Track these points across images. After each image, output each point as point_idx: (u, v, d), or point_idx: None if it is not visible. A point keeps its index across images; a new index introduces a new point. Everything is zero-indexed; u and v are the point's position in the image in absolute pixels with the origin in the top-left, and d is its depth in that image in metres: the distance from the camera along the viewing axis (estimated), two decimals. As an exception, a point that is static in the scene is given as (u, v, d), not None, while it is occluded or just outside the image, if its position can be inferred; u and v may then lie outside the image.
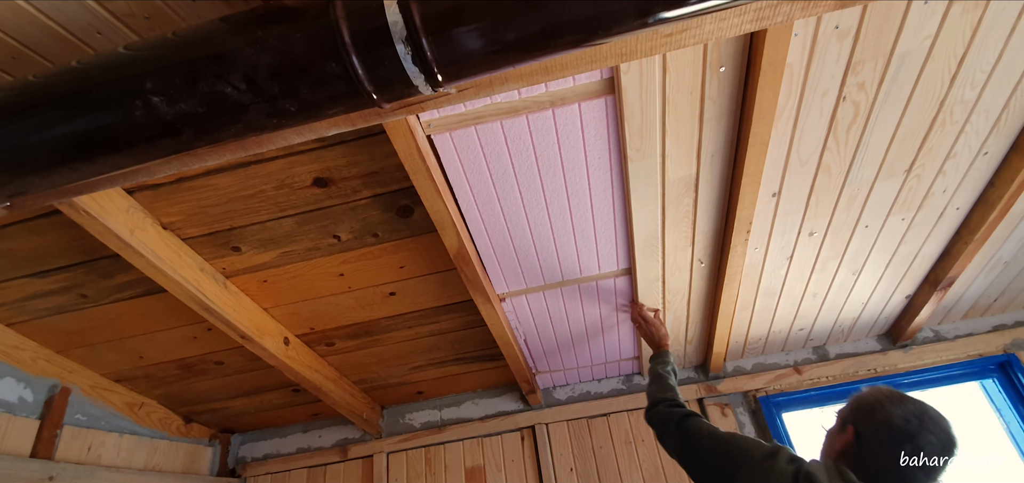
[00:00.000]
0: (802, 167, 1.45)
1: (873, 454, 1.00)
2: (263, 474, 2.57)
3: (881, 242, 1.76)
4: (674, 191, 1.45)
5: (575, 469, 2.25)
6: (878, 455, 0.99)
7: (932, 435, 0.97)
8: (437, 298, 1.87)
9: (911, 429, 0.98)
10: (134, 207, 1.36)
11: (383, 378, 2.36)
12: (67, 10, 0.96)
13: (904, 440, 0.97)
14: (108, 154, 0.82)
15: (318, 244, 1.58)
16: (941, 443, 0.96)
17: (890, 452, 0.98)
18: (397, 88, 0.76)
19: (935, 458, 0.96)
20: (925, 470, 0.95)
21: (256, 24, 0.74)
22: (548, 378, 2.43)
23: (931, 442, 0.96)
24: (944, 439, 0.97)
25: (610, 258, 1.71)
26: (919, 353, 2.22)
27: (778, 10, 0.86)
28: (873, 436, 1.01)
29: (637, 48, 0.90)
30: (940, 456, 0.96)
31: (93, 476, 1.92)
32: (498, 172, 1.38)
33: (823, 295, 2.00)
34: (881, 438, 0.99)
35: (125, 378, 2.14)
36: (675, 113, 1.24)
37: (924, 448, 0.96)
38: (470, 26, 0.70)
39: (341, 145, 1.30)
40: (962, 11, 1.13)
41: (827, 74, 1.21)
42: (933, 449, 0.96)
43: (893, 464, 0.97)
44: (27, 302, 1.66)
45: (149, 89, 0.76)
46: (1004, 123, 1.40)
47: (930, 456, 0.95)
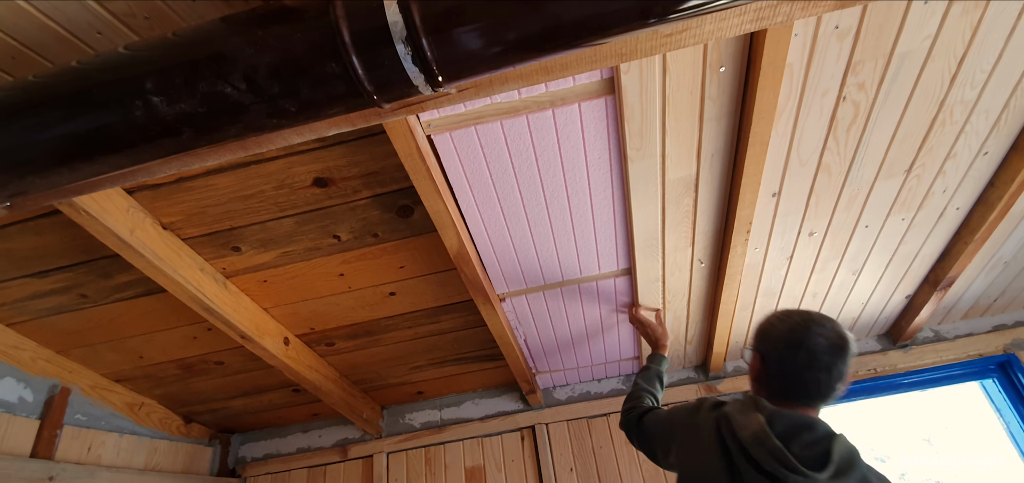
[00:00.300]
0: (802, 167, 1.45)
1: (776, 370, 1.07)
2: (263, 474, 2.57)
3: (881, 242, 1.76)
4: (674, 191, 1.45)
5: (575, 469, 2.25)
6: (780, 370, 1.06)
7: (820, 337, 1.03)
8: (437, 298, 1.87)
9: (799, 337, 1.04)
10: (134, 207, 1.36)
11: (383, 378, 2.36)
12: (67, 10, 0.96)
13: (797, 348, 1.04)
14: (108, 154, 0.82)
15: (318, 244, 1.58)
16: (830, 343, 1.02)
17: (788, 363, 1.05)
18: (397, 88, 0.76)
19: (828, 356, 1.02)
20: (824, 368, 1.02)
21: (256, 24, 0.74)
22: (548, 378, 2.43)
23: (821, 344, 1.02)
24: (832, 338, 1.03)
25: (610, 258, 1.71)
26: (919, 353, 2.22)
27: (778, 10, 0.86)
28: (772, 354, 1.08)
29: (637, 48, 0.90)
30: (834, 354, 1.02)
31: (93, 476, 1.92)
32: (498, 172, 1.38)
33: (823, 295, 2.00)
34: (779, 354, 1.06)
35: (125, 378, 2.14)
36: (675, 113, 1.24)
37: (816, 350, 1.02)
38: (470, 26, 0.70)
39: (341, 145, 1.30)
40: (962, 11, 1.13)
41: (827, 74, 1.21)
42: (824, 350, 1.02)
43: (794, 373, 1.04)
44: (27, 302, 1.67)
45: (149, 89, 0.76)
46: (1004, 123, 1.40)
47: (824, 355, 1.02)
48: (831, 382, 1.02)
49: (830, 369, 1.02)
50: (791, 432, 0.98)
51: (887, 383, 2.24)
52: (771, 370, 1.08)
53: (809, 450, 0.96)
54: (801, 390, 1.04)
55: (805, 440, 0.97)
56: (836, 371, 1.02)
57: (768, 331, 1.11)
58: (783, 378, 1.06)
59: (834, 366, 1.02)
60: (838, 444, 0.96)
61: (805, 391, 1.04)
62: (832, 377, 1.02)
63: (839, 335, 1.04)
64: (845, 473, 0.93)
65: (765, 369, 1.09)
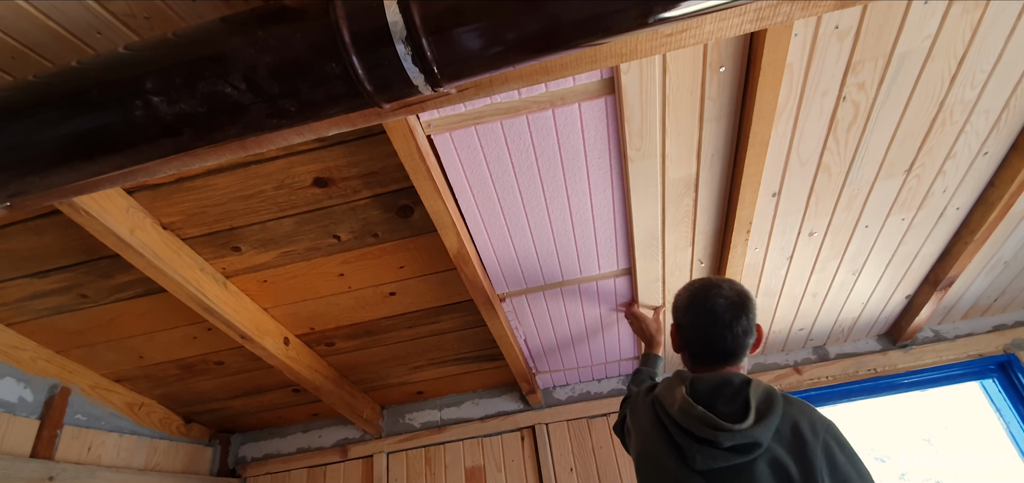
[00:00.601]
0: (802, 167, 1.45)
1: (690, 336, 1.16)
2: (263, 474, 2.57)
3: (881, 242, 1.76)
4: (674, 191, 1.45)
5: (575, 469, 2.25)
6: (692, 335, 1.15)
7: (719, 297, 1.11)
8: (437, 298, 1.87)
9: (700, 301, 1.13)
10: (134, 207, 1.36)
11: (383, 378, 2.36)
12: (67, 10, 0.96)
13: (700, 310, 1.13)
14: (108, 154, 0.82)
15: (318, 244, 1.58)
16: (729, 301, 1.10)
17: (695, 325, 1.14)
18: (397, 88, 0.76)
19: (728, 314, 1.09)
20: (726, 326, 1.09)
21: (256, 24, 0.74)
22: (548, 378, 2.43)
23: (720, 304, 1.10)
24: (731, 297, 1.11)
25: (610, 258, 1.71)
26: (919, 353, 2.22)
27: (778, 10, 0.86)
28: (684, 320, 1.17)
29: (637, 48, 0.90)
30: (733, 311, 1.09)
31: (93, 476, 1.92)
32: (498, 172, 1.38)
33: (823, 295, 2.00)
34: (689, 320, 1.15)
35: (125, 378, 2.14)
36: (675, 113, 1.24)
37: (715, 310, 1.10)
38: (470, 26, 0.70)
39: (341, 145, 1.30)
40: (962, 11, 1.13)
41: (827, 74, 1.21)
42: (723, 309, 1.10)
43: (702, 335, 1.12)
44: (27, 302, 1.67)
45: (149, 89, 0.76)
46: (1004, 123, 1.40)
47: (724, 314, 1.09)
48: (737, 337, 1.09)
49: (732, 325, 1.09)
50: (712, 393, 1.04)
51: (887, 383, 2.24)
52: (686, 337, 1.17)
53: (731, 404, 1.01)
54: (712, 349, 1.11)
55: (726, 396, 1.02)
56: (739, 327, 1.09)
57: (678, 302, 1.20)
58: (695, 343, 1.15)
59: (735, 323, 1.09)
60: (753, 390, 1.01)
61: (715, 350, 1.11)
62: (736, 333, 1.09)
63: (737, 294, 1.12)
64: (766, 414, 0.97)
65: (681, 337, 1.19)
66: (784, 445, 0.96)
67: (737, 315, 1.09)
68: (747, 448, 0.95)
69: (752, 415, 0.96)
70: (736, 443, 0.95)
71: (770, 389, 1.03)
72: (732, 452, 0.96)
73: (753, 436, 0.94)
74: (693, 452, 0.99)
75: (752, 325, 1.11)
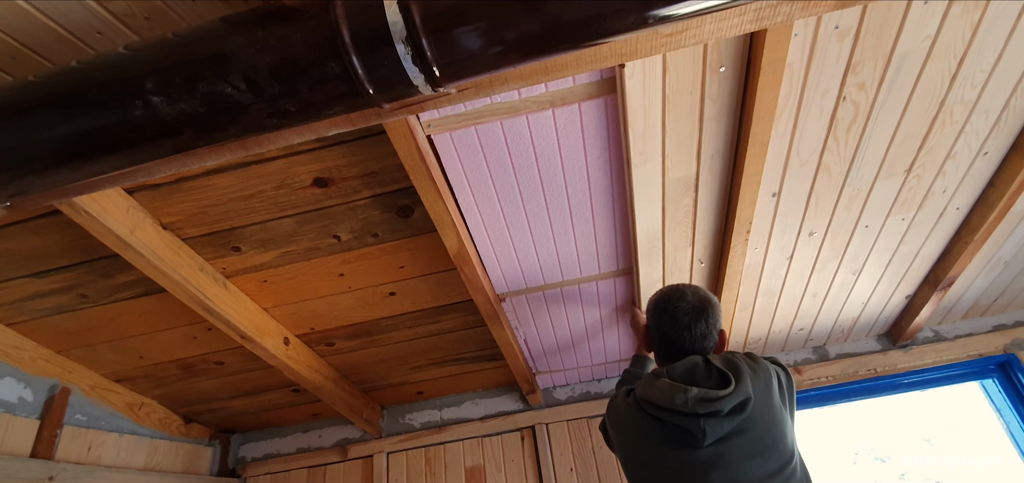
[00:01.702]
0: (802, 167, 1.45)
1: (655, 334, 1.30)
2: (263, 474, 2.57)
3: (881, 242, 1.76)
4: (674, 191, 1.45)
5: (575, 469, 2.25)
6: (657, 334, 1.29)
7: (682, 302, 1.24)
8: (437, 298, 1.87)
9: (664, 305, 1.27)
10: (134, 207, 1.36)
11: (383, 378, 2.36)
12: (67, 10, 0.96)
13: (664, 313, 1.26)
14: (108, 154, 0.82)
15: (318, 244, 1.58)
16: (691, 306, 1.23)
17: (660, 326, 1.27)
18: (397, 88, 0.76)
19: (688, 317, 1.22)
20: (686, 328, 1.22)
21: (256, 24, 0.74)
22: (548, 378, 2.43)
23: (681, 308, 1.23)
24: (693, 302, 1.24)
25: (610, 258, 1.71)
26: (919, 353, 2.23)
27: (778, 10, 0.86)
28: (652, 321, 1.31)
29: (637, 48, 0.90)
30: (693, 315, 1.22)
31: (93, 476, 1.92)
32: (498, 172, 1.38)
33: (823, 295, 2.00)
34: (654, 321, 1.29)
35: (125, 378, 2.15)
36: (675, 113, 1.24)
37: (676, 314, 1.23)
38: (470, 26, 0.70)
39: (341, 145, 1.30)
40: (962, 11, 1.13)
41: (827, 74, 1.21)
42: (684, 312, 1.23)
43: (664, 335, 1.26)
44: (27, 302, 1.67)
45: (149, 89, 0.76)
46: (1004, 123, 1.40)
47: (684, 317, 1.23)
48: (694, 338, 1.22)
49: (690, 328, 1.21)
50: (688, 376, 1.12)
51: (887, 383, 2.24)
52: (653, 335, 1.31)
53: (709, 379, 1.10)
54: (673, 348, 1.24)
55: (701, 375, 1.12)
56: (697, 330, 1.22)
57: (648, 305, 1.34)
58: (659, 341, 1.28)
59: (693, 325, 1.21)
60: (717, 362, 1.12)
61: (676, 349, 1.23)
62: (695, 335, 1.22)
63: (699, 301, 1.24)
64: (739, 373, 1.08)
65: (649, 336, 1.33)
66: (763, 396, 1.08)
67: (696, 320, 1.22)
68: (743, 405, 1.05)
69: (732, 378, 1.07)
70: (733, 405, 1.04)
71: (727, 355, 1.15)
72: (732, 415, 1.05)
73: (744, 392, 1.05)
74: (702, 427, 1.04)
75: (712, 329, 1.23)
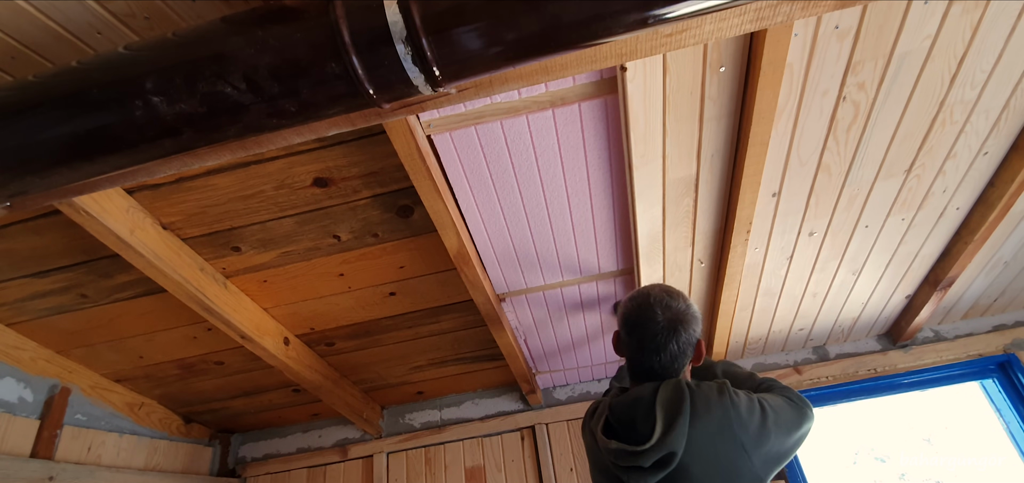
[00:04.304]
0: (802, 167, 1.45)
1: (624, 349, 1.17)
2: (263, 474, 2.57)
3: (881, 242, 1.76)
4: (674, 191, 1.45)
5: (575, 469, 2.25)
6: (625, 349, 1.16)
7: (651, 321, 1.09)
8: (437, 298, 1.87)
9: (633, 319, 1.12)
10: (134, 207, 1.36)
11: (383, 378, 2.36)
12: (67, 10, 0.96)
13: (632, 330, 1.12)
14: (108, 154, 0.82)
15: (318, 244, 1.58)
16: (661, 328, 1.08)
17: (629, 344, 1.14)
18: (397, 88, 0.76)
19: (660, 338, 1.08)
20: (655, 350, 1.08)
21: (256, 24, 0.74)
22: (548, 378, 2.43)
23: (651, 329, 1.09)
24: (664, 321, 1.09)
25: (610, 258, 1.71)
26: (919, 353, 2.22)
27: (778, 10, 0.86)
28: (622, 334, 1.17)
29: (637, 48, 0.90)
30: (665, 335, 1.08)
31: (93, 476, 1.92)
32: (498, 172, 1.38)
33: (823, 295, 2.00)
34: (624, 336, 1.16)
35: (125, 378, 2.14)
36: (675, 114, 1.24)
37: (646, 334, 1.09)
38: (470, 26, 0.70)
39: (341, 145, 1.30)
40: (962, 11, 1.13)
41: (827, 74, 1.21)
42: (655, 333, 1.08)
43: (633, 352, 1.13)
44: (27, 302, 1.67)
45: (149, 89, 0.75)
46: (1004, 123, 1.40)
47: (655, 338, 1.08)
48: (664, 361, 1.09)
49: (659, 352, 1.08)
50: (629, 414, 1.05)
51: (887, 383, 2.24)
52: (622, 343, 1.17)
53: (647, 421, 1.01)
54: (642, 368, 1.12)
55: (642, 414, 1.03)
56: (667, 353, 1.08)
57: (619, 313, 1.20)
58: (627, 357, 1.17)
59: (663, 348, 1.08)
60: (661, 398, 1.02)
61: (645, 369, 1.11)
62: (664, 359, 1.09)
63: (669, 319, 1.08)
64: (675, 418, 0.98)
65: (618, 348, 1.20)
66: (706, 440, 0.98)
67: (666, 342, 1.08)
68: (665, 460, 0.96)
69: (659, 427, 0.97)
70: (654, 460, 0.96)
71: (679, 388, 1.03)
72: (656, 468, 0.97)
73: (667, 447, 0.95)
74: (626, 478, 1.01)
75: (686, 346, 1.09)
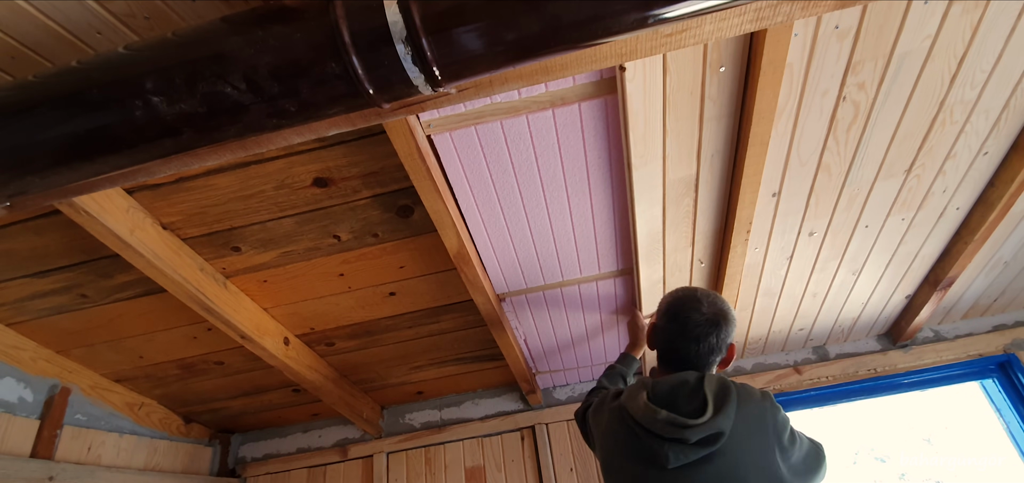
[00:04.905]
0: (802, 167, 1.45)
1: (661, 337, 1.23)
2: (263, 474, 2.57)
3: (881, 242, 1.76)
4: (674, 192, 1.45)
5: (575, 469, 2.25)
6: (663, 336, 1.23)
7: (695, 312, 1.17)
8: (437, 298, 1.87)
9: (676, 310, 1.20)
10: (134, 207, 1.36)
11: (383, 378, 2.36)
12: (67, 10, 0.96)
13: (674, 318, 1.19)
14: (108, 154, 0.82)
15: (318, 244, 1.58)
16: (705, 318, 1.16)
17: (667, 330, 1.21)
18: (397, 88, 0.76)
19: (699, 329, 1.15)
20: (694, 340, 1.15)
21: (256, 24, 0.74)
22: (548, 378, 2.43)
23: (694, 319, 1.16)
24: (707, 314, 1.16)
25: (609, 258, 1.71)
26: (919, 353, 2.22)
27: (778, 10, 0.86)
28: (660, 323, 1.24)
29: (637, 48, 0.90)
30: (705, 327, 1.15)
31: (93, 476, 1.92)
32: (498, 172, 1.38)
33: (823, 295, 2.00)
34: (663, 323, 1.22)
35: (125, 378, 2.14)
36: (675, 113, 1.24)
37: (688, 323, 1.16)
38: (470, 26, 0.70)
39: (341, 145, 1.30)
40: (962, 11, 1.13)
41: (827, 74, 1.21)
42: (696, 324, 1.16)
43: (671, 339, 1.20)
44: (27, 302, 1.67)
45: (149, 89, 0.76)
46: (1004, 123, 1.40)
47: (695, 328, 1.16)
48: (700, 352, 1.16)
49: (699, 341, 1.15)
50: (672, 394, 1.10)
51: (887, 383, 2.24)
52: (658, 337, 1.25)
53: (691, 402, 1.07)
54: (677, 356, 1.18)
55: (685, 395, 1.09)
56: (705, 344, 1.15)
57: (661, 304, 1.27)
58: (663, 345, 1.23)
59: (703, 339, 1.15)
60: (708, 384, 1.08)
61: (680, 357, 1.18)
62: (701, 350, 1.16)
63: (714, 314, 1.17)
64: (723, 404, 1.04)
65: (655, 336, 1.27)
66: (745, 431, 1.04)
67: (707, 334, 1.15)
68: (713, 439, 1.01)
69: (711, 407, 1.03)
70: (702, 436, 1.00)
71: (723, 380, 1.10)
72: (700, 445, 1.01)
73: (716, 426, 1.00)
74: (665, 451, 1.03)
75: (722, 344, 1.17)
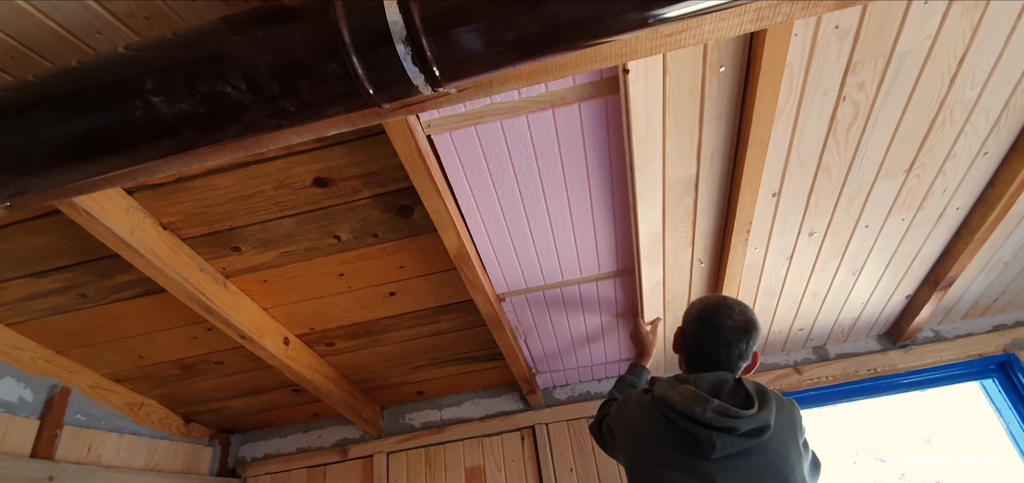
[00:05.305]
0: (802, 167, 1.45)
1: (690, 342, 1.27)
2: (263, 474, 2.57)
3: (881, 242, 1.76)
4: (674, 192, 1.45)
5: (575, 469, 2.25)
6: (693, 341, 1.26)
7: (726, 319, 1.21)
8: (437, 298, 1.87)
9: (707, 316, 1.24)
10: (134, 207, 1.36)
11: (383, 378, 2.36)
12: (67, 10, 0.96)
13: (705, 325, 1.23)
14: (108, 154, 0.82)
15: (318, 244, 1.58)
16: (735, 324, 1.20)
17: (698, 334, 1.24)
18: (397, 88, 0.76)
19: (729, 335, 1.20)
20: (724, 345, 1.20)
21: (256, 24, 0.74)
22: (548, 378, 2.43)
23: (725, 325, 1.21)
24: (738, 321, 1.21)
25: (610, 258, 1.71)
26: (919, 353, 2.22)
27: (778, 10, 0.86)
28: (690, 327, 1.28)
29: (637, 48, 0.90)
30: (735, 334, 1.20)
31: (93, 476, 1.92)
32: (498, 172, 1.38)
33: (823, 295, 2.00)
34: (694, 328, 1.26)
35: (125, 378, 2.14)
36: (675, 113, 1.24)
37: (719, 329, 1.21)
38: (470, 26, 0.70)
39: (341, 145, 1.30)
40: (962, 11, 1.13)
41: (827, 74, 1.21)
42: (727, 330, 1.20)
43: (700, 345, 1.24)
44: (27, 302, 1.67)
45: (149, 89, 0.76)
46: (1004, 123, 1.40)
47: (726, 334, 1.20)
48: (730, 357, 1.20)
49: (730, 346, 1.20)
50: (716, 389, 1.15)
51: (887, 383, 2.24)
52: (687, 342, 1.28)
53: (735, 397, 1.13)
54: (706, 360, 1.22)
55: (727, 391, 1.14)
56: (735, 349, 1.20)
57: (690, 310, 1.31)
58: (692, 349, 1.26)
59: (734, 344, 1.20)
60: (747, 384, 1.15)
61: (709, 361, 1.22)
62: (731, 353, 1.20)
63: (744, 321, 1.21)
64: (765, 402, 1.10)
65: (684, 341, 1.30)
66: (782, 430, 1.11)
67: (738, 339, 1.19)
68: (760, 431, 1.06)
69: (756, 403, 1.08)
70: (750, 427, 1.05)
71: (757, 382, 1.17)
72: (747, 436, 1.06)
73: (764, 419, 1.06)
74: (712, 440, 1.06)
75: (749, 352, 1.22)
